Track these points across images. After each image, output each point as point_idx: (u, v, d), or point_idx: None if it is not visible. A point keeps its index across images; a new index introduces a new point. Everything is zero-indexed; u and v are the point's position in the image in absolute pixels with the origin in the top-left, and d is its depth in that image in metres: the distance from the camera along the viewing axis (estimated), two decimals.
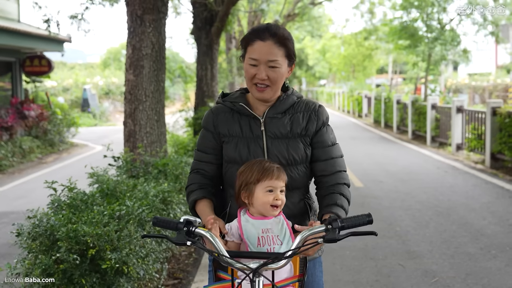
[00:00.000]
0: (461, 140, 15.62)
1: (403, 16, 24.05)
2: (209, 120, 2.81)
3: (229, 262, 2.37)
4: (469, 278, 5.79)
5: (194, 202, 2.73)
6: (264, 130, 2.72)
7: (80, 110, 33.04)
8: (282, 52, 2.65)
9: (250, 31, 2.71)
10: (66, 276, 4.14)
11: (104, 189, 5.56)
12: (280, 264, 2.36)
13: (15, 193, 11.87)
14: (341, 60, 48.12)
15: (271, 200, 2.51)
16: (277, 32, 2.65)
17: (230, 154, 2.74)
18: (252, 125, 2.74)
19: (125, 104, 7.66)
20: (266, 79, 2.64)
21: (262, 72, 2.64)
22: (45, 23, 10.76)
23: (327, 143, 2.78)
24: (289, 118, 2.74)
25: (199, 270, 6.24)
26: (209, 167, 2.81)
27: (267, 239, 2.51)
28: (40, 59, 19.28)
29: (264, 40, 2.63)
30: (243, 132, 2.73)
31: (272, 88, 2.68)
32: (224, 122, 2.77)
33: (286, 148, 2.70)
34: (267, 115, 2.73)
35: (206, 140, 2.81)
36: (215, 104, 2.92)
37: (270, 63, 2.63)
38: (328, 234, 2.36)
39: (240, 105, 2.75)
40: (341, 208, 2.68)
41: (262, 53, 2.63)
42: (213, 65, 13.92)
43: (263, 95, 2.69)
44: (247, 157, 2.68)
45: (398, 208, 8.94)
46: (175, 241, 2.40)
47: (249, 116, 2.75)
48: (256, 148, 2.70)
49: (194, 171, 2.84)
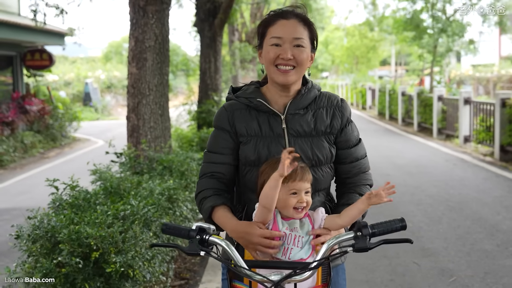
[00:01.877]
0: (469, 132, 15.39)
1: (407, 7, 23.81)
2: (224, 118, 2.52)
3: (248, 274, 2.16)
4: (488, 277, 5.57)
5: (211, 209, 2.42)
6: (286, 128, 2.45)
7: (82, 104, 32.86)
8: (307, 33, 2.43)
9: (269, 14, 2.49)
10: (68, 280, 3.93)
11: (107, 187, 5.34)
12: (305, 276, 2.14)
13: (17, 189, 11.69)
14: (344, 52, 47.91)
15: (294, 203, 2.26)
16: (300, 13, 2.45)
17: (248, 155, 2.46)
18: (272, 122, 2.46)
19: (128, 98, 7.44)
20: (292, 59, 2.39)
21: (287, 51, 2.38)
22: (32, 13, 10.61)
23: (352, 142, 2.55)
24: (312, 114, 2.49)
25: (207, 269, 6.04)
26: (226, 169, 2.50)
27: (289, 237, 2.28)
28: (41, 53, 19.07)
29: (288, 19, 2.42)
30: (262, 131, 2.46)
31: (297, 71, 2.42)
32: (241, 120, 2.49)
33: (310, 147, 2.44)
34: (288, 111, 2.46)
35: (222, 140, 2.51)
36: (219, 98, 2.67)
37: (295, 41, 2.39)
38: (358, 242, 2.15)
39: (258, 101, 2.47)
40: None
41: (286, 30, 2.39)
42: (217, 58, 13.67)
43: (287, 78, 2.41)
44: (267, 159, 2.42)
45: (408, 202, 8.72)
46: (187, 251, 2.20)
47: (268, 112, 2.47)
48: (278, 148, 2.42)
49: (207, 175, 2.52)
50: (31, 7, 10.42)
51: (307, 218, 2.33)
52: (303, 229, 2.31)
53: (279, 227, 2.28)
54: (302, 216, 2.31)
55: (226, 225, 2.37)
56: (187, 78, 22.29)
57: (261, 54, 2.51)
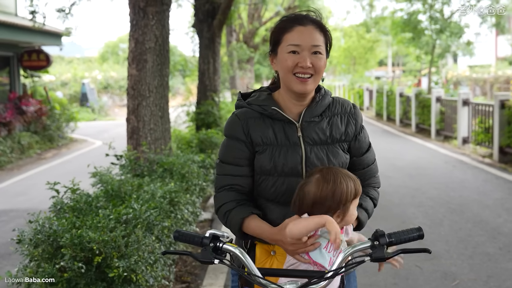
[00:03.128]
0: (468, 134, 15.38)
1: (404, 9, 23.79)
2: (238, 127, 2.44)
3: (263, 283, 2.12)
4: (491, 281, 5.55)
5: (241, 221, 2.34)
6: (302, 136, 2.40)
7: (79, 105, 32.79)
8: (323, 39, 2.38)
9: (283, 19, 2.42)
10: (70, 285, 3.88)
11: (108, 189, 5.29)
12: (321, 286, 2.10)
13: (14, 190, 11.63)
14: (341, 52, 47.86)
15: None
16: (316, 19, 2.40)
17: (264, 164, 2.39)
18: (287, 130, 2.40)
19: (128, 100, 7.38)
20: (311, 67, 2.33)
21: (306, 59, 2.31)
22: (31, 14, 10.56)
23: (364, 148, 2.53)
24: (328, 121, 2.44)
25: (208, 273, 5.99)
26: (244, 181, 2.43)
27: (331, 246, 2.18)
28: (38, 54, 18.98)
29: (305, 25, 2.35)
30: (278, 140, 2.40)
31: (315, 79, 2.37)
32: (256, 128, 2.42)
33: (326, 155, 2.40)
34: (304, 118, 2.40)
35: (238, 151, 2.43)
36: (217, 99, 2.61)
37: (314, 48, 2.33)
38: (375, 251, 2.11)
39: (273, 109, 2.41)
40: (364, 211, 2.46)
41: (304, 37, 2.32)
42: (216, 59, 13.63)
43: (305, 87, 2.35)
44: (283, 168, 2.36)
45: (409, 204, 8.69)
46: (200, 259, 2.16)
47: (283, 120, 2.41)
48: (294, 157, 2.37)
49: (225, 188, 2.43)
50: (30, 8, 10.37)
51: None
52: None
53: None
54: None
55: (262, 235, 2.31)
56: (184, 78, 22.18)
57: (273, 60, 2.45)
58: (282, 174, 2.37)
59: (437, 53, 23.63)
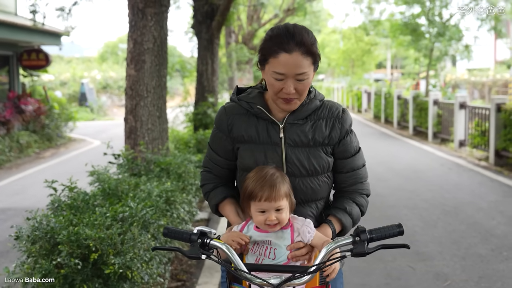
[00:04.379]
0: (464, 137, 15.45)
1: (405, 12, 23.86)
2: (223, 121, 2.57)
3: (248, 277, 2.20)
4: (482, 281, 5.62)
5: (216, 206, 2.64)
6: (284, 137, 2.48)
7: (77, 104, 32.86)
8: (309, 61, 2.37)
9: (270, 39, 2.40)
10: (67, 281, 3.95)
11: (105, 188, 5.36)
12: (304, 280, 2.18)
13: (12, 189, 11.68)
14: (340, 55, 47.97)
15: (262, 220, 2.30)
16: (303, 40, 2.35)
17: (245, 161, 2.52)
18: (270, 130, 2.49)
19: (126, 100, 7.45)
20: (294, 93, 2.39)
21: (289, 86, 2.36)
22: (32, 13, 10.63)
23: (350, 153, 2.57)
24: (311, 125, 2.50)
25: (203, 271, 6.06)
26: (219, 170, 2.66)
27: (260, 248, 2.35)
28: (37, 53, 19.04)
29: (290, 52, 2.33)
30: (260, 138, 2.50)
31: (300, 99, 2.44)
32: (239, 125, 2.53)
33: (307, 157, 2.47)
34: (287, 120, 2.49)
35: (218, 141, 2.61)
36: (215, 100, 2.71)
37: (298, 76, 2.36)
38: (356, 247, 2.19)
39: (258, 108, 2.50)
40: (348, 216, 2.54)
41: (289, 67, 2.34)
42: (214, 60, 13.70)
43: (290, 106, 2.44)
44: (263, 165, 2.46)
45: (403, 207, 8.77)
46: (188, 254, 2.24)
47: (267, 120, 2.50)
48: (274, 156, 2.47)
49: (206, 170, 2.71)
50: (31, 7, 10.43)
51: (289, 230, 2.35)
52: (280, 241, 2.34)
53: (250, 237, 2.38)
54: (277, 229, 2.33)
55: (230, 221, 2.60)
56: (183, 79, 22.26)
57: (263, 71, 2.48)
58: None
59: (436, 55, 23.70)
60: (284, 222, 2.32)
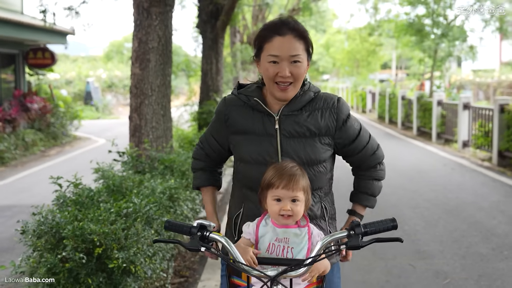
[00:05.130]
0: (468, 137, 15.49)
1: (410, 12, 23.87)
2: (221, 110, 2.69)
3: (246, 269, 2.26)
4: (482, 280, 5.67)
5: (198, 187, 2.87)
6: (279, 129, 2.55)
7: (83, 103, 32.98)
8: (302, 46, 2.49)
9: (264, 28, 2.55)
10: (72, 275, 4.02)
11: (110, 185, 5.44)
12: (300, 272, 2.24)
13: (17, 186, 11.78)
14: (344, 55, 47.97)
15: (277, 210, 2.33)
16: (296, 26, 2.50)
17: (240, 152, 2.60)
18: (265, 122, 2.57)
19: (130, 98, 7.53)
20: (290, 76, 2.47)
21: (285, 69, 2.46)
22: (41, 13, 10.69)
23: (354, 136, 2.63)
24: (307, 116, 2.57)
25: (206, 268, 6.13)
26: (210, 152, 2.81)
27: (277, 248, 2.36)
28: (43, 52, 19.16)
29: (284, 35, 2.47)
30: (255, 129, 2.58)
31: (295, 86, 2.52)
32: (236, 116, 2.62)
33: (302, 148, 2.53)
34: (282, 112, 2.56)
35: (216, 127, 2.74)
36: (219, 99, 2.80)
37: (292, 58, 2.46)
38: (351, 240, 2.25)
39: (255, 100, 2.59)
40: (371, 197, 2.75)
41: (283, 48, 2.45)
42: (218, 59, 13.79)
43: (286, 94, 2.52)
44: (258, 156, 2.54)
45: (406, 206, 8.82)
46: (188, 247, 2.29)
47: (263, 112, 2.58)
48: (269, 147, 2.54)
49: (200, 146, 2.85)
50: (40, 7, 10.50)
51: (306, 230, 2.37)
52: (299, 239, 2.35)
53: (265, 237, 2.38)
54: (293, 225, 2.36)
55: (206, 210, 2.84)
56: (188, 78, 22.34)
57: (258, 64, 2.58)
58: (257, 162, 2.54)
59: (440, 56, 23.71)
60: (298, 215, 2.35)
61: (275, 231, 2.37)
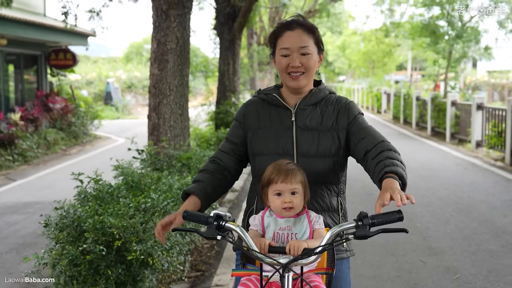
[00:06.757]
0: (481, 137, 15.54)
1: (425, 13, 23.87)
2: (240, 110, 2.90)
3: (259, 256, 2.38)
4: (491, 276, 5.80)
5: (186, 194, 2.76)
6: (295, 121, 2.75)
7: (103, 103, 33.31)
8: (311, 40, 2.72)
9: (276, 26, 2.79)
10: (92, 267, 4.21)
11: (129, 181, 5.64)
12: (310, 260, 2.37)
13: (40, 184, 12.05)
14: (360, 56, 47.98)
15: (279, 203, 2.50)
16: (304, 22, 2.74)
17: (258, 144, 2.78)
18: (282, 115, 2.78)
19: (149, 98, 7.75)
20: (300, 66, 2.69)
21: (295, 60, 2.69)
22: (63, 15, 10.89)
23: (362, 125, 2.75)
24: (320, 111, 2.77)
25: (221, 262, 6.29)
26: (225, 157, 2.85)
27: (281, 236, 2.52)
28: (65, 53, 19.47)
29: (293, 29, 2.72)
30: (272, 123, 2.78)
31: (306, 76, 2.73)
32: (254, 112, 2.84)
33: (316, 139, 2.71)
34: (299, 106, 2.77)
35: (234, 129, 2.90)
36: (236, 99, 2.97)
37: (302, 49, 2.69)
38: (359, 230, 2.35)
39: (273, 95, 2.81)
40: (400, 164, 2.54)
41: (292, 41, 2.69)
42: (235, 60, 13.98)
43: (298, 83, 2.73)
44: (275, 148, 2.72)
45: (418, 204, 8.93)
46: (205, 235, 2.42)
47: (281, 107, 2.79)
48: (286, 139, 2.73)
49: (210, 159, 2.90)
50: (63, 9, 10.70)
51: (305, 216, 2.55)
52: (300, 225, 2.53)
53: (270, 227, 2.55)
54: (293, 215, 2.54)
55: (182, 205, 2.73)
56: (206, 79, 22.54)
57: (275, 61, 2.82)
58: (274, 153, 2.72)
59: (454, 57, 23.70)
60: (298, 207, 2.52)
61: (278, 221, 2.55)
